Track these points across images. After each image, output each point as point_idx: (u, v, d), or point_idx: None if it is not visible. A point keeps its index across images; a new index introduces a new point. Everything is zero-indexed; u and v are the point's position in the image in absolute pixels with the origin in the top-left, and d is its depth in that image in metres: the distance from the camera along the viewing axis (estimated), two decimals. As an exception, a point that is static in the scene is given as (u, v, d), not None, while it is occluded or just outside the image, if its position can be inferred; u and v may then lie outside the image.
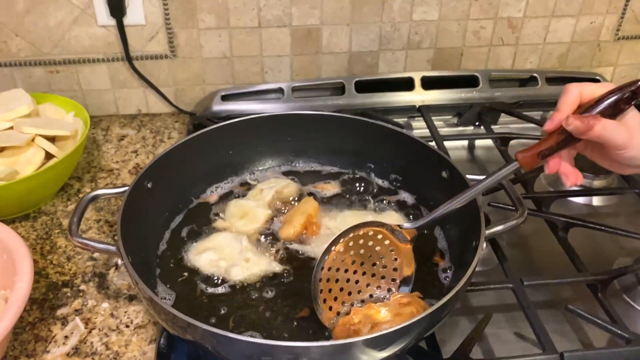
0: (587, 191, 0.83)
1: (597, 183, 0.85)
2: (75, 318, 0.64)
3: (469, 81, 1.00)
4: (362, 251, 0.58)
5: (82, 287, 0.68)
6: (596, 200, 0.85)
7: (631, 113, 0.51)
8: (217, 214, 0.69)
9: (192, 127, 0.91)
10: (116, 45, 0.93)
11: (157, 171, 0.65)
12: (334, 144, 0.76)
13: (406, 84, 0.99)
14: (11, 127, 0.78)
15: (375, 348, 0.47)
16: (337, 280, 0.58)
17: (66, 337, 0.62)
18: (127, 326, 0.63)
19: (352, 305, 0.57)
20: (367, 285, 0.58)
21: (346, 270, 0.58)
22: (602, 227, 0.72)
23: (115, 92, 0.99)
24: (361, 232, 0.58)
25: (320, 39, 0.98)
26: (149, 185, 0.64)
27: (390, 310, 0.54)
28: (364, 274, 0.58)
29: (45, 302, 0.66)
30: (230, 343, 0.45)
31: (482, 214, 0.57)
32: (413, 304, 0.55)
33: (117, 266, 0.70)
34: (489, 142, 0.94)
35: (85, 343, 0.61)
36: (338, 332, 0.55)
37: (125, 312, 0.64)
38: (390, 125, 0.72)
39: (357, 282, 0.58)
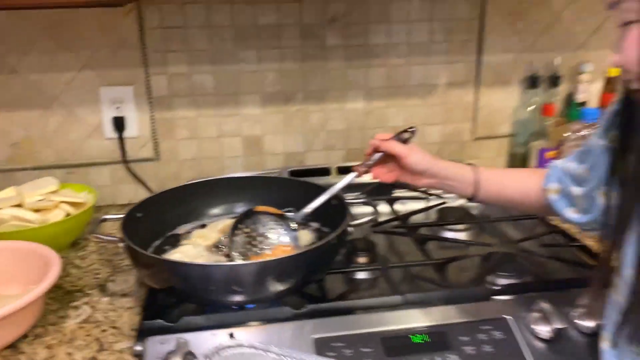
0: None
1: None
2: (84, 305, 0.93)
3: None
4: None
5: (89, 291, 0.97)
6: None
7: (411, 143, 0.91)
8: (185, 237, 1.02)
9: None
10: (117, 153, 1.32)
11: (145, 208, 0.99)
12: (266, 196, 1.11)
13: (326, 171, 1.37)
14: (43, 199, 1.13)
15: (265, 273, 0.78)
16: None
17: (78, 315, 0.90)
18: (121, 308, 0.92)
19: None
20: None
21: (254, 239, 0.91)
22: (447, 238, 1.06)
23: (113, 187, 1.35)
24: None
25: (263, 144, 1.38)
26: (139, 215, 0.97)
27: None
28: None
29: (64, 299, 0.95)
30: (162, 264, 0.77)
31: (347, 215, 0.92)
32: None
33: (113, 280, 1.01)
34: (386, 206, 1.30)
35: (91, 317, 0.90)
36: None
37: (119, 301, 0.94)
38: (299, 179, 1.09)
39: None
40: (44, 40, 1.21)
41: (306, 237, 1.02)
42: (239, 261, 0.87)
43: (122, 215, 0.94)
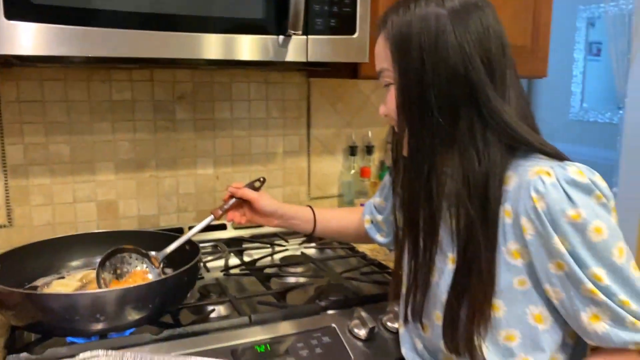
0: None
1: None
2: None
3: (220, 226, 1.56)
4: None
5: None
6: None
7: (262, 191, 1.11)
8: (44, 287, 1.09)
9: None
10: (-34, 220, 1.34)
11: (4, 260, 1.05)
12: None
13: (179, 231, 1.51)
14: None
15: (126, 300, 0.90)
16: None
17: None
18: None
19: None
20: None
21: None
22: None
23: (-40, 256, 1.35)
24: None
25: (117, 209, 1.49)
26: (-1, 266, 1.03)
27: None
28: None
29: None
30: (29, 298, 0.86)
31: (200, 254, 1.07)
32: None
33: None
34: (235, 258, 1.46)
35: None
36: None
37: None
38: (151, 230, 1.22)
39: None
40: None
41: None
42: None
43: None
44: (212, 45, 1.11)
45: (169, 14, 1.06)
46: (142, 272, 1.03)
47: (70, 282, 1.10)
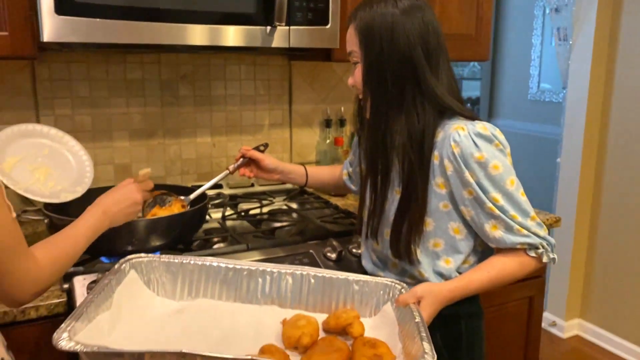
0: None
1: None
2: None
3: (217, 186, 1.86)
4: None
5: None
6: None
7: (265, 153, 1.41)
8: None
9: None
10: (7, 179, 1.61)
11: (52, 206, 1.33)
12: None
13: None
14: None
15: (155, 227, 1.20)
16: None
17: None
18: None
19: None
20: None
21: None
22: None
23: None
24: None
25: (131, 170, 1.77)
26: (50, 208, 1.32)
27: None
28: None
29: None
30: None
31: (208, 198, 1.37)
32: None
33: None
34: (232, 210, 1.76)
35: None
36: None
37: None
38: (173, 185, 1.52)
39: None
40: (-52, 87, 1.51)
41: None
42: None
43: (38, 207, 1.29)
44: (214, 34, 1.40)
45: (185, 9, 1.35)
46: (169, 210, 1.33)
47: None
